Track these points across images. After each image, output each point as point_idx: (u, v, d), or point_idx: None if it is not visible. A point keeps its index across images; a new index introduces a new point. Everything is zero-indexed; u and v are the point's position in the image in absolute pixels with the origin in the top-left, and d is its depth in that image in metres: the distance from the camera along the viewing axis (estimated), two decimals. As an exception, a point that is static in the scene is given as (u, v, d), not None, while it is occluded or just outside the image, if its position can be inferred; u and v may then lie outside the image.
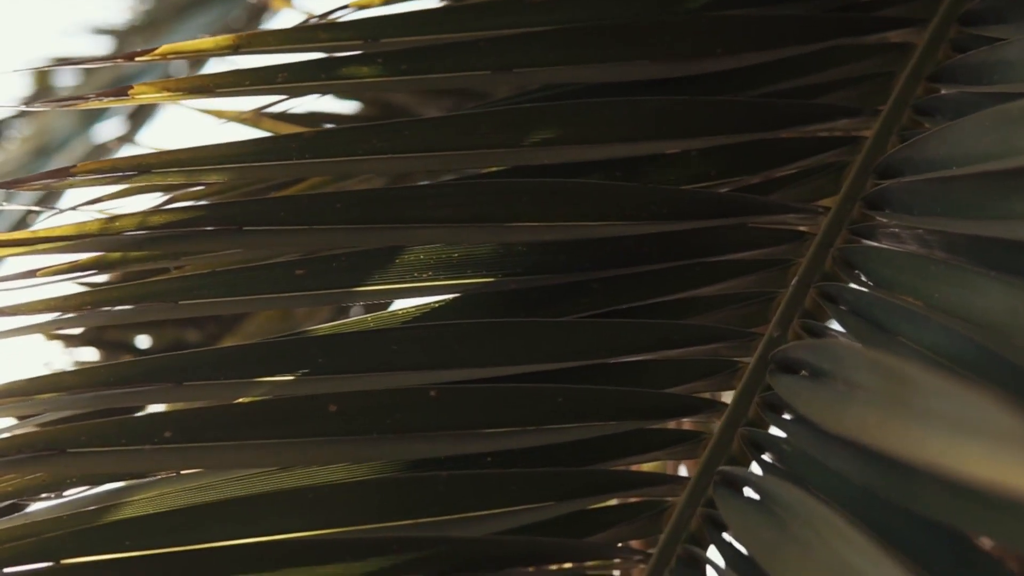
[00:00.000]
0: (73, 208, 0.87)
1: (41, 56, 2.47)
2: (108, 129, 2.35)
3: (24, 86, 2.50)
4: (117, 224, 0.81)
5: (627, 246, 0.86)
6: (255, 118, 1.15)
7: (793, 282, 0.83)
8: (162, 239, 0.82)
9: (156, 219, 0.81)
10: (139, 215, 0.81)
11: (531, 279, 0.86)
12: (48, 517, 0.79)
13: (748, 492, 0.75)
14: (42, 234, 0.80)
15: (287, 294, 0.85)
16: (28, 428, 0.79)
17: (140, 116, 2.33)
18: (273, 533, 0.76)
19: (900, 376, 0.59)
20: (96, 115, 2.18)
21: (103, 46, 2.46)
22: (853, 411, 0.63)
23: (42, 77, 2.49)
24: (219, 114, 1.27)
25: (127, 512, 0.79)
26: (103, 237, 0.81)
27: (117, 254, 0.85)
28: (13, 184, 0.82)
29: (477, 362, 0.82)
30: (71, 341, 1.55)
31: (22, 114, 2.43)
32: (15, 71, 0.88)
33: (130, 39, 2.43)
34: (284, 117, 1.18)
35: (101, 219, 0.80)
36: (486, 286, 0.86)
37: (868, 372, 0.63)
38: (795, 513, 0.66)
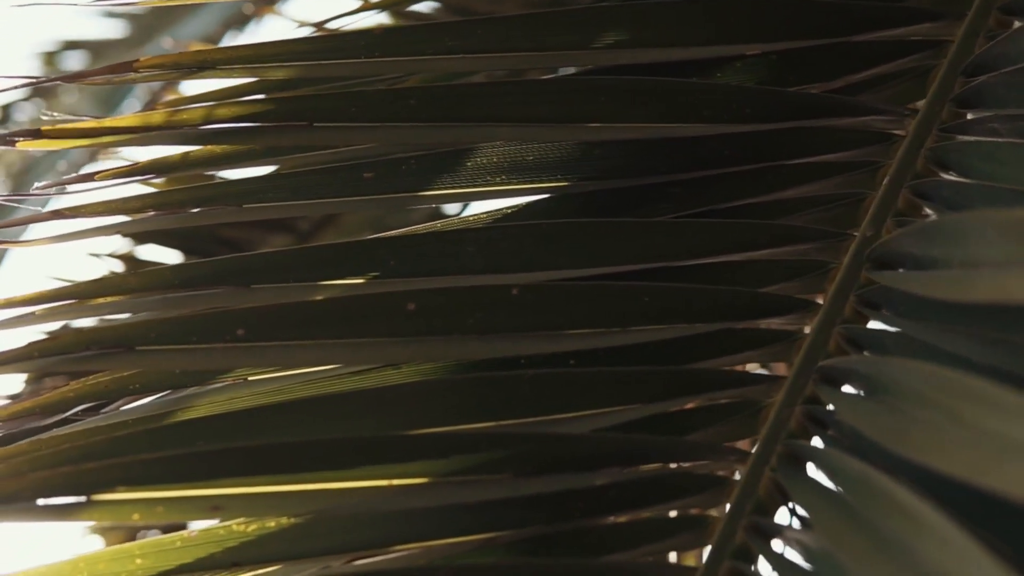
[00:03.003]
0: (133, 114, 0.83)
1: (51, 39, 2.43)
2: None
3: (34, 69, 2.45)
4: (183, 116, 0.77)
5: (707, 147, 0.82)
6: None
7: (884, 182, 0.80)
8: (228, 134, 0.79)
9: (222, 112, 0.78)
10: (205, 108, 0.77)
11: (608, 183, 0.82)
12: (115, 421, 0.75)
13: (848, 389, 0.72)
14: (108, 124, 0.76)
15: (354, 197, 0.82)
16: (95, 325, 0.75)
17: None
18: (351, 433, 0.72)
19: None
20: (116, 100, 2.14)
21: (114, 29, 2.42)
22: (985, 278, 0.60)
23: (50, 58, 2.45)
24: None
25: (198, 413, 0.75)
26: (168, 131, 0.78)
27: (178, 155, 0.81)
28: (73, 78, 0.78)
29: (558, 264, 0.79)
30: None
31: (35, 95, 2.39)
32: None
33: (141, 22, 2.40)
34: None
35: (166, 110, 0.77)
36: (561, 189, 0.83)
37: (998, 239, 0.60)
38: (915, 394, 0.62)
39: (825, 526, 0.64)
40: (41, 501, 0.65)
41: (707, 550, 0.71)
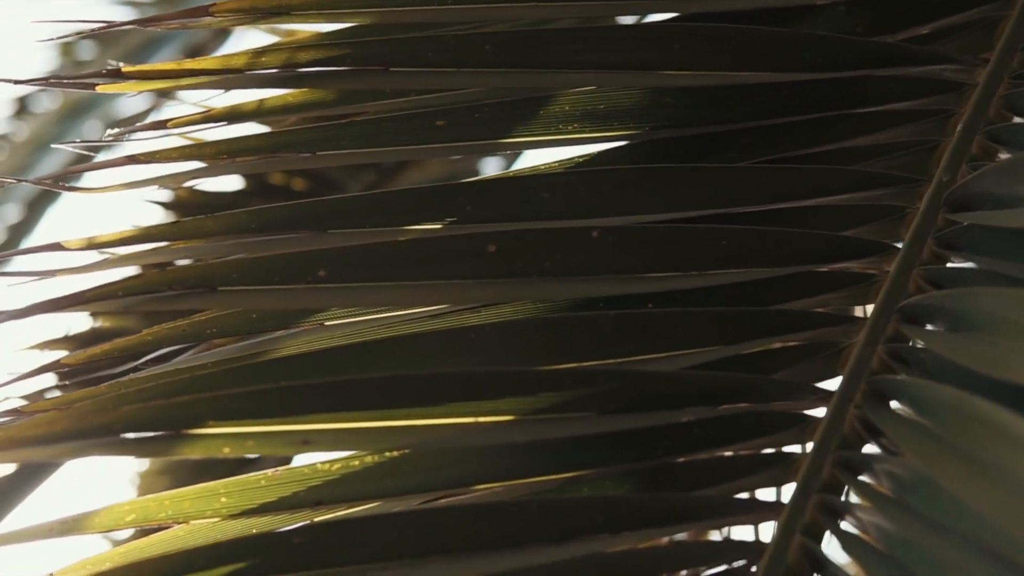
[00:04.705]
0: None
1: (63, 27, 2.42)
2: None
3: (48, 58, 2.44)
4: (264, 59, 0.77)
5: (779, 96, 0.83)
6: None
7: (958, 129, 0.80)
8: (306, 77, 0.79)
9: (303, 56, 0.78)
10: (286, 51, 0.77)
11: (679, 130, 0.82)
12: (196, 364, 0.75)
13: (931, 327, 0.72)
14: (188, 66, 0.77)
15: (427, 145, 0.82)
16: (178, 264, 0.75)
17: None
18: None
19: None
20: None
21: (125, 16, 2.41)
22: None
23: (66, 48, 2.44)
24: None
25: (278, 354, 0.76)
26: (247, 73, 0.78)
27: (253, 103, 0.82)
28: (147, 22, 0.78)
29: (633, 210, 0.79)
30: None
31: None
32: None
33: (150, 10, 2.39)
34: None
35: (247, 53, 0.77)
36: (632, 137, 0.83)
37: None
38: (1008, 322, 0.63)
39: (919, 455, 0.64)
40: (131, 435, 0.65)
41: (791, 487, 0.71)
